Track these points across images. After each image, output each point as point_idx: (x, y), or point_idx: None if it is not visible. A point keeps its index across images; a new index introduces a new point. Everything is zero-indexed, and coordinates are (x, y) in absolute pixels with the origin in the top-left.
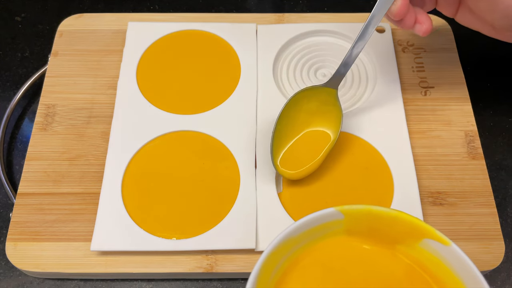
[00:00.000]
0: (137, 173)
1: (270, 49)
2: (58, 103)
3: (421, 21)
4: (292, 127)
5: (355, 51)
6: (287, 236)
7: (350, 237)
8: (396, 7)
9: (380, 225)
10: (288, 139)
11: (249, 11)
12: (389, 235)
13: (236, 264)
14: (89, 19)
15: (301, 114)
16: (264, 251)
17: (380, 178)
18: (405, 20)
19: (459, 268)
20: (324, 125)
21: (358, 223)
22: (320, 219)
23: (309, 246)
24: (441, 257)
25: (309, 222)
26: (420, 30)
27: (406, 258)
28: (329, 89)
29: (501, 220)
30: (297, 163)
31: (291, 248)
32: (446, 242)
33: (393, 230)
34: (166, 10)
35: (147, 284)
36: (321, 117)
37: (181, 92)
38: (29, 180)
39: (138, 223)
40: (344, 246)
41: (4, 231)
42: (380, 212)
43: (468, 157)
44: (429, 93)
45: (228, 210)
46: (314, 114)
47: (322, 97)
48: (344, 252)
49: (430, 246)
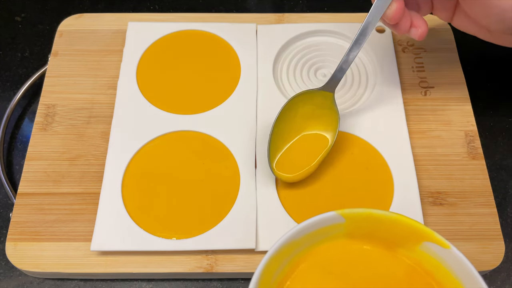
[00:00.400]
0: (137, 173)
1: (270, 49)
2: (58, 103)
3: (416, 25)
4: (289, 130)
5: (351, 55)
6: (289, 239)
7: (351, 240)
8: (392, 11)
9: (380, 228)
10: (285, 143)
11: (249, 11)
12: (390, 238)
13: (236, 264)
14: (89, 19)
15: (298, 118)
16: (265, 254)
17: (380, 178)
18: (401, 24)
19: (459, 270)
20: (320, 128)
21: (359, 227)
22: (321, 222)
23: (311, 249)
24: (441, 260)
25: (310, 225)
26: (416, 34)
27: (408, 260)
28: (325, 93)
29: (501, 220)
30: (294, 166)
31: (293, 251)
32: (446, 245)
33: (393, 233)
34: (166, 10)
35: (147, 284)
36: (317, 121)
37: (181, 92)
38: (29, 180)
39: (138, 223)
40: (345, 249)
41: (4, 231)
42: (380, 216)
43: (468, 157)
44: (429, 93)
45: (228, 210)
46: (310, 118)
47: (319, 101)
48: (346, 255)
49: (430, 249)
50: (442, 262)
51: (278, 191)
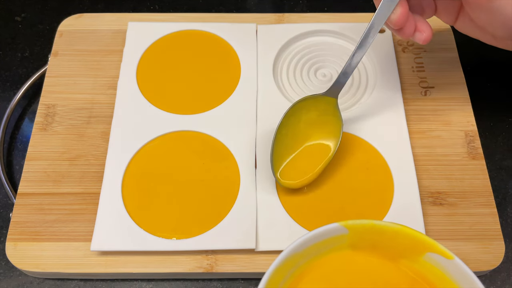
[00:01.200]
0: (137, 173)
1: (270, 49)
2: (58, 103)
3: (421, 30)
4: (292, 137)
5: (354, 60)
6: (292, 252)
7: (354, 251)
8: (396, 16)
9: (383, 239)
10: (288, 150)
11: (249, 11)
12: (393, 249)
13: (236, 264)
14: (89, 19)
15: (301, 125)
16: (269, 267)
17: (380, 178)
18: (405, 29)
19: (462, 281)
20: (323, 136)
21: (362, 238)
22: (324, 234)
23: (314, 261)
24: (444, 270)
25: (313, 237)
26: (420, 38)
27: (411, 272)
28: (329, 98)
29: (501, 220)
30: (296, 173)
31: (296, 264)
32: (449, 256)
33: (397, 244)
34: (166, 10)
35: (147, 284)
36: (320, 128)
37: (181, 92)
38: (29, 180)
39: (138, 223)
40: (348, 260)
41: (4, 231)
42: (383, 227)
43: (468, 157)
44: (429, 93)
45: (228, 210)
46: (313, 124)
47: (322, 107)
48: (349, 266)
49: (433, 259)
50: (445, 273)
51: (278, 191)
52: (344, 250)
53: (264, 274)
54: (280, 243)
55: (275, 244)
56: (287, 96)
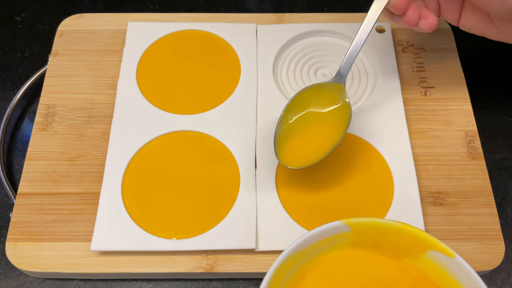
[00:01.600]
0: (137, 173)
1: (270, 49)
2: (58, 103)
3: (425, 16)
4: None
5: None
6: (294, 250)
7: (356, 249)
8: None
9: (385, 237)
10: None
11: (249, 11)
12: (395, 247)
13: (236, 264)
14: (89, 19)
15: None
16: (272, 265)
17: (380, 178)
18: (409, 16)
19: (464, 279)
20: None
21: (364, 236)
22: (327, 232)
23: (316, 259)
24: (446, 268)
25: (316, 235)
26: (425, 25)
27: (412, 270)
28: (337, 85)
29: (501, 220)
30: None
31: (298, 261)
32: (450, 254)
33: (399, 242)
34: (166, 10)
35: (147, 284)
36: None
37: (181, 92)
38: (29, 180)
39: (138, 223)
40: (350, 258)
41: (4, 231)
42: (385, 225)
43: (468, 157)
44: (429, 93)
45: (228, 210)
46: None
47: (330, 94)
48: (351, 264)
49: (435, 258)
50: (447, 271)
51: (278, 191)
52: (346, 248)
53: (264, 274)
54: (280, 243)
55: (275, 244)
56: (287, 96)
